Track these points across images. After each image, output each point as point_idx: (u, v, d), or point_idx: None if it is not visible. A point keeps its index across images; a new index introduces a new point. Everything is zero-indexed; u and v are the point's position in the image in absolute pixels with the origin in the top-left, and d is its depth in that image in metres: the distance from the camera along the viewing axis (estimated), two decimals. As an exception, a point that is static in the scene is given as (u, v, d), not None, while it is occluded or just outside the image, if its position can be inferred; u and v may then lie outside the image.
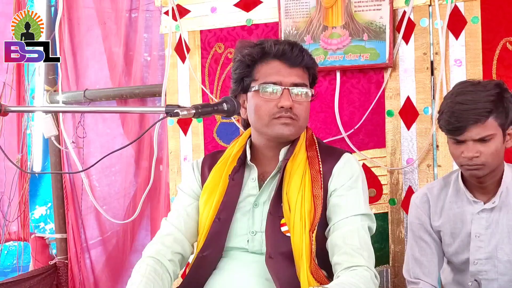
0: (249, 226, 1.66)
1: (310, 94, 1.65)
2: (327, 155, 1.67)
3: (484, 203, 1.78)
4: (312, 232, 1.56)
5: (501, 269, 1.77)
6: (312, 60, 1.67)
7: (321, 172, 1.62)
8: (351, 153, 1.73)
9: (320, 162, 1.64)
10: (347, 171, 1.63)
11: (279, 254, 1.58)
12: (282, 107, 1.59)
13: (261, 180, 1.69)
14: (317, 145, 1.70)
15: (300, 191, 1.58)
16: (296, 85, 1.62)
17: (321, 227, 1.60)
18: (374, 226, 1.65)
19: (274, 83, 1.61)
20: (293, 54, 1.62)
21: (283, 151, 1.66)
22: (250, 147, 1.73)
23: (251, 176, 1.70)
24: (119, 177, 3.23)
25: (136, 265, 1.63)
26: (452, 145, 1.73)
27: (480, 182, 1.76)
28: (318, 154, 1.67)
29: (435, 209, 1.88)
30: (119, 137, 3.22)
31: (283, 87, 1.60)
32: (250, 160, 1.70)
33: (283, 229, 1.59)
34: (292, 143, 1.67)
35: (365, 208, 1.62)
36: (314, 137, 1.74)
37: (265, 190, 1.67)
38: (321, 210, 1.59)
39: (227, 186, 1.68)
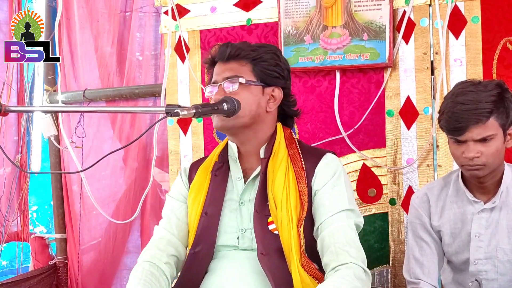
0: (238, 223, 1.67)
1: (237, 84, 1.63)
2: (310, 154, 1.68)
3: (484, 203, 1.78)
4: (300, 227, 1.57)
5: (501, 269, 1.77)
6: (238, 51, 1.66)
7: (304, 168, 1.64)
8: (334, 153, 1.73)
9: (302, 159, 1.66)
10: (329, 170, 1.64)
11: (270, 250, 1.59)
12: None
13: (246, 177, 1.71)
14: (297, 144, 1.71)
15: (284, 188, 1.59)
16: (227, 78, 1.64)
17: (309, 221, 1.61)
18: (360, 222, 1.64)
19: (213, 83, 1.68)
20: (220, 50, 1.68)
21: (262, 150, 1.68)
22: None
23: (236, 174, 1.71)
24: (109, 181, 3.23)
25: (133, 270, 1.64)
26: (452, 145, 1.73)
27: (480, 182, 1.76)
28: (299, 152, 1.68)
29: (435, 209, 1.88)
30: (109, 139, 3.22)
31: (218, 84, 1.66)
32: (237, 157, 1.72)
33: (270, 227, 1.60)
34: (270, 141, 1.69)
35: (349, 204, 1.61)
36: (294, 136, 1.75)
37: (249, 188, 1.68)
38: (307, 205, 1.60)
39: (210, 182, 1.71)
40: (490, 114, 1.64)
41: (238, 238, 1.66)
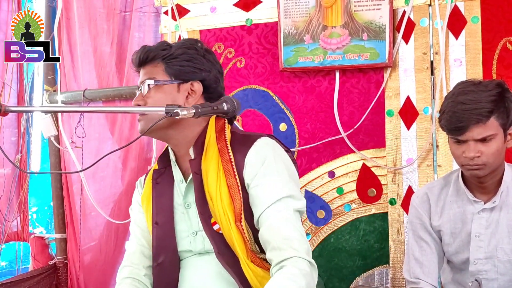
0: (188, 227, 1.64)
1: (146, 86, 1.62)
2: (240, 144, 1.61)
3: (485, 203, 1.78)
4: (240, 222, 1.53)
5: (501, 269, 1.77)
6: (146, 53, 1.65)
7: (232, 160, 1.57)
8: (269, 136, 1.65)
9: (230, 152, 1.59)
10: (259, 158, 1.57)
11: (223, 249, 1.56)
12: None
13: (186, 179, 1.67)
14: (226, 135, 1.64)
15: (217, 186, 1.55)
16: (142, 83, 1.64)
17: (250, 214, 1.56)
18: (301, 206, 1.56)
19: (137, 88, 1.68)
20: (134, 57, 1.69)
21: (191, 151, 1.64)
22: None
23: (177, 177, 1.68)
24: (108, 181, 3.22)
25: None
26: (453, 145, 1.73)
27: (480, 182, 1.76)
28: (227, 143, 1.61)
29: (435, 208, 1.87)
30: (107, 140, 3.21)
31: (139, 89, 1.66)
32: (176, 160, 1.69)
33: (215, 227, 1.57)
34: (197, 140, 1.64)
35: (284, 190, 1.53)
36: (226, 127, 1.67)
37: (190, 190, 1.64)
38: (240, 199, 1.54)
39: (152, 190, 1.69)
40: (490, 114, 1.64)
41: (190, 242, 1.63)
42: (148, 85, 1.61)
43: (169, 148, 1.71)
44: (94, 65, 3.18)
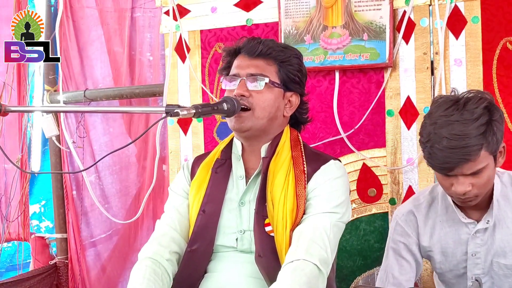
0: (237, 224, 1.65)
1: (264, 83, 1.62)
2: (312, 160, 1.66)
3: (477, 221, 1.69)
4: (292, 231, 1.55)
5: (497, 280, 1.72)
6: (269, 50, 1.65)
7: (305, 172, 1.62)
8: (339, 160, 1.70)
9: (305, 163, 1.64)
10: (325, 175, 1.62)
11: (266, 252, 1.58)
12: (235, 95, 1.62)
13: (248, 177, 1.69)
14: (302, 147, 1.69)
15: (283, 190, 1.58)
16: (252, 75, 1.63)
17: None
18: (341, 222, 1.61)
19: (234, 75, 1.65)
20: (249, 45, 1.66)
21: (263, 148, 1.66)
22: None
23: (238, 172, 1.69)
24: (121, 175, 3.23)
25: (134, 267, 1.62)
26: (439, 176, 1.59)
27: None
28: (303, 154, 1.66)
29: (423, 229, 1.78)
30: (121, 136, 3.22)
31: (240, 78, 1.63)
32: (241, 155, 1.70)
33: (267, 229, 1.59)
34: (273, 140, 1.67)
35: (334, 208, 1.58)
36: (300, 139, 1.73)
37: (250, 188, 1.67)
38: (303, 209, 1.59)
39: (209, 179, 1.70)
40: (480, 150, 1.48)
41: (237, 239, 1.64)
42: (266, 83, 1.62)
43: (237, 143, 1.71)
44: (110, 66, 3.18)
